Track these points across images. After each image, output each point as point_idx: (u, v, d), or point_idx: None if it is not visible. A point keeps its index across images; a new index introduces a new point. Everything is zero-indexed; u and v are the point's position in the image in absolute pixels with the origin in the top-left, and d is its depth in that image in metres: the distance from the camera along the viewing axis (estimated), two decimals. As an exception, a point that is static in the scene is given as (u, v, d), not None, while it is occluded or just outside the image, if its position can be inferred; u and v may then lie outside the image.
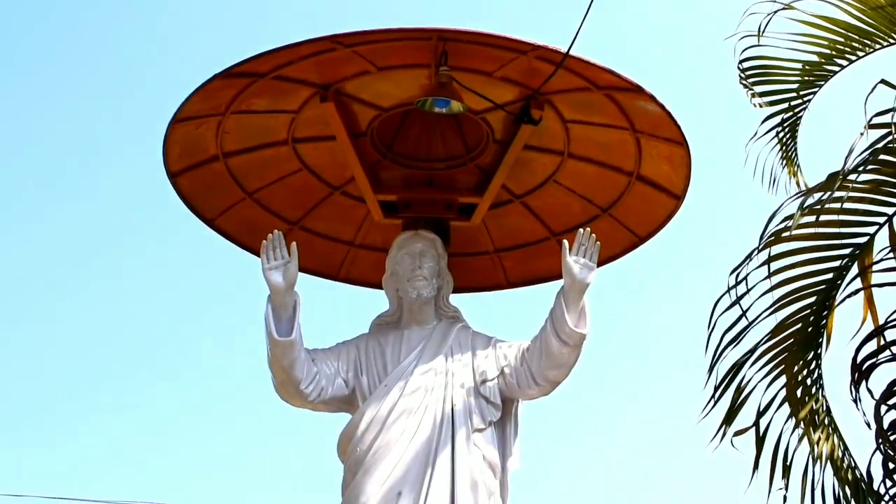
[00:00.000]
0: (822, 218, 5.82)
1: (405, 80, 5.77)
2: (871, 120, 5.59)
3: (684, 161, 5.94)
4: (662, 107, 5.58)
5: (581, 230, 5.39)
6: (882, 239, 5.89)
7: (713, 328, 5.79)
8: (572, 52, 5.27)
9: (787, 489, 5.79)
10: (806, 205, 5.69)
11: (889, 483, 5.61)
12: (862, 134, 5.60)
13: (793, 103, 7.08)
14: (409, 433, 5.23)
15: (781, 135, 7.13)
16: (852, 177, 5.68)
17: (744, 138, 6.84)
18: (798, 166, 7.17)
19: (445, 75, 5.45)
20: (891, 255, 5.82)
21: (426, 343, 5.59)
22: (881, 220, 5.90)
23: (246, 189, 6.36)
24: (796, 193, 5.86)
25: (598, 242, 5.37)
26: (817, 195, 5.71)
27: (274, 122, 6.04)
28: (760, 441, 5.85)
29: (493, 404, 5.42)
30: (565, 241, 5.35)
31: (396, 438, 5.22)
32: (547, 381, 5.42)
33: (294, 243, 5.33)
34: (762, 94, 6.98)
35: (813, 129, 7.19)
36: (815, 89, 7.03)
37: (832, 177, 5.70)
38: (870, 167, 5.76)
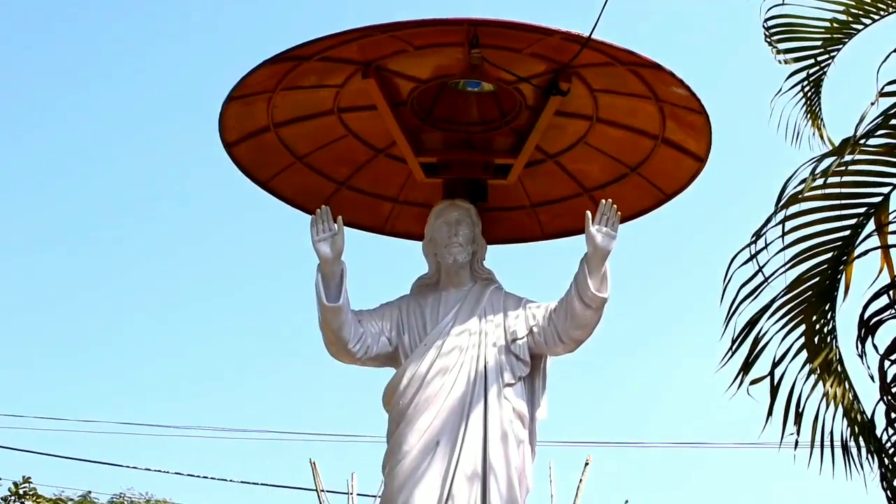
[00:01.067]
0: (837, 179, 6.16)
1: (441, 56, 6.15)
2: (882, 88, 5.90)
3: (706, 128, 6.26)
4: (682, 82, 5.90)
5: (603, 201, 5.79)
6: (896, 200, 6.24)
7: (728, 282, 6.21)
8: (595, 34, 5.61)
9: (798, 434, 6.25)
10: (819, 169, 6.04)
11: (891, 431, 6.06)
12: (873, 103, 5.92)
13: (819, 58, 7.33)
14: (446, 389, 5.75)
15: (807, 89, 7.40)
16: (865, 140, 6.02)
17: (769, 99, 7.15)
18: (822, 120, 7.44)
19: (477, 57, 5.83)
20: (902, 215, 6.16)
21: (462, 304, 6.06)
22: (895, 180, 6.23)
23: (296, 154, 6.82)
24: (810, 159, 6.16)
25: (619, 212, 5.77)
26: (830, 159, 6.05)
27: (320, 95, 6.46)
28: (775, 390, 6.28)
29: (523, 361, 5.90)
30: (588, 212, 5.75)
31: (435, 394, 5.74)
32: (571, 340, 5.90)
33: (340, 217, 5.81)
34: (787, 52, 7.24)
35: (837, 86, 7.43)
36: (840, 46, 7.27)
37: (845, 142, 6.03)
38: (882, 132, 6.08)
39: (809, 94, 7.36)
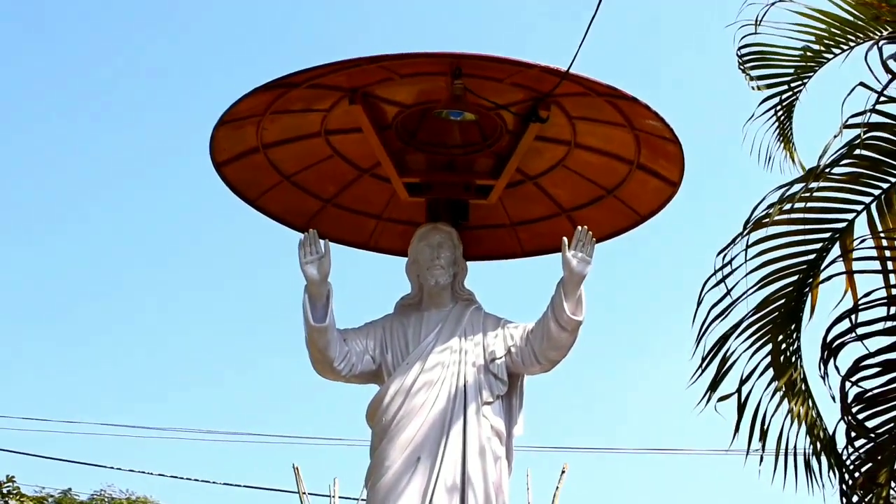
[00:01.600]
0: (803, 205, 6.45)
1: (425, 84, 6.39)
2: (847, 121, 6.18)
3: (679, 156, 6.53)
4: (656, 114, 6.15)
5: (579, 228, 6.04)
6: (861, 225, 6.53)
7: (700, 303, 6.49)
8: (576, 62, 5.84)
9: (763, 449, 6.54)
10: (786, 195, 6.33)
11: (851, 450, 6.35)
12: (836, 136, 6.20)
13: (792, 84, 7.60)
14: (428, 405, 5.99)
15: (780, 113, 7.67)
16: (830, 169, 6.31)
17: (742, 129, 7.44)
18: (793, 144, 7.72)
19: (459, 88, 6.07)
20: (866, 242, 6.44)
21: (443, 325, 6.30)
22: (859, 207, 6.51)
23: (283, 173, 7.05)
24: (777, 186, 6.44)
25: (594, 239, 6.02)
26: (797, 186, 6.33)
27: (308, 118, 6.69)
28: (742, 406, 6.56)
29: (501, 380, 6.15)
30: (564, 238, 6.00)
31: (417, 409, 5.98)
32: (547, 360, 6.15)
33: (326, 240, 6.03)
34: (760, 78, 7.51)
35: (809, 110, 7.71)
36: (811, 73, 7.54)
37: (811, 171, 6.31)
38: (847, 161, 6.36)
39: (782, 118, 7.63)
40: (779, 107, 7.61)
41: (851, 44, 7.25)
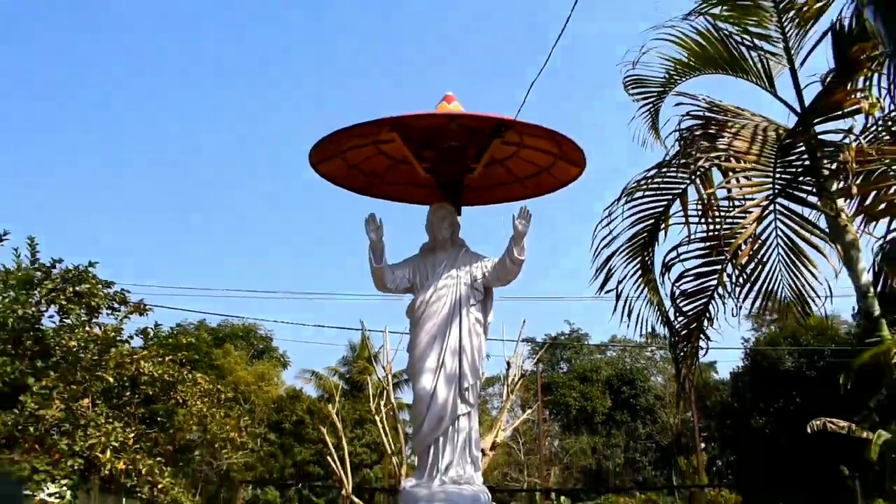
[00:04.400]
0: (658, 180, 11.12)
1: (434, 120, 10.93)
2: (673, 131, 10.81)
3: (582, 157, 11.09)
4: (569, 139, 10.68)
5: (521, 207, 10.58)
6: (692, 190, 11.22)
7: (595, 237, 11.24)
8: (516, 118, 10.39)
9: (629, 323, 11.43)
10: (645, 176, 11.01)
11: (677, 324, 11.25)
12: (670, 147, 10.82)
13: (661, 94, 12.11)
14: (440, 308, 10.57)
15: (651, 113, 12.20)
16: (672, 161, 10.96)
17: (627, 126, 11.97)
18: (659, 132, 12.28)
19: (453, 125, 10.63)
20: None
21: (447, 261, 10.83)
22: (688, 180, 11.19)
23: (350, 164, 11.70)
24: (641, 172, 11.06)
25: (531, 214, 10.63)
26: (653, 171, 11.02)
27: (363, 137, 11.28)
28: (618, 297, 11.42)
29: (479, 291, 10.70)
30: (514, 213, 10.60)
31: (434, 311, 10.62)
32: (504, 281, 10.67)
33: (381, 218, 10.65)
34: (638, 93, 12.02)
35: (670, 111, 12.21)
36: (670, 88, 12.03)
37: (658, 164, 11.00)
38: (681, 160, 11.01)
39: (652, 116, 12.18)
40: (651, 108, 12.16)
41: (697, 73, 11.72)
